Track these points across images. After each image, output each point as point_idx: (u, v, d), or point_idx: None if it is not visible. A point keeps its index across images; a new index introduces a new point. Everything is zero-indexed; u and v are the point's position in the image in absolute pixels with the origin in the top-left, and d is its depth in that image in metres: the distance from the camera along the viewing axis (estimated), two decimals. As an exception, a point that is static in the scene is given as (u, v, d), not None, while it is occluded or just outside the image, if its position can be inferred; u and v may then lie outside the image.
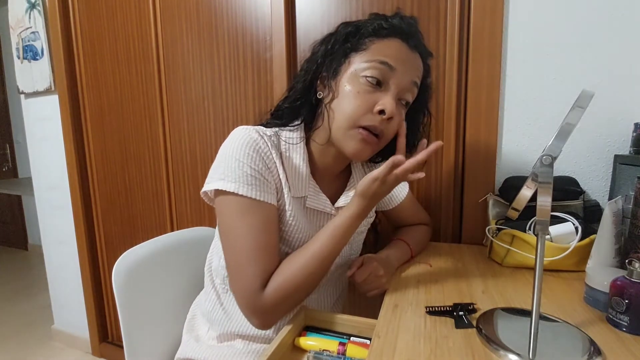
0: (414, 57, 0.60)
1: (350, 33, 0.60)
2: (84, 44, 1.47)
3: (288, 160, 0.62)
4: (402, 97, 0.60)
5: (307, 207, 0.65)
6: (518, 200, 0.48)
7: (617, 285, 0.52)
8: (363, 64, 0.58)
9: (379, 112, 0.58)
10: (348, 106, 0.58)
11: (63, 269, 1.70)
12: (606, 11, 0.79)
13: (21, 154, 3.21)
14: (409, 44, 0.60)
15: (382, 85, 0.58)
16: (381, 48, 0.58)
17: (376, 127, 0.58)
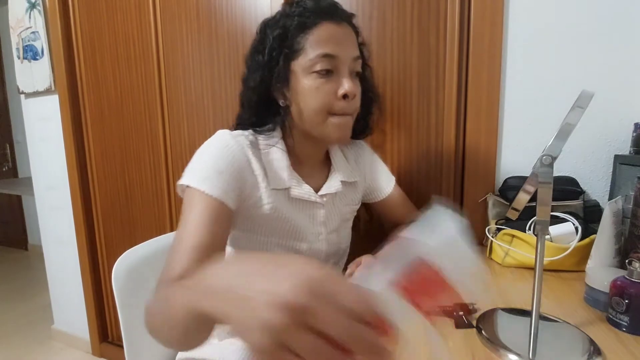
0: (344, 31, 0.61)
1: (279, 36, 0.61)
2: (84, 44, 1.46)
3: (268, 156, 0.64)
4: (353, 71, 0.62)
5: (292, 198, 0.65)
6: (518, 200, 0.48)
7: (617, 285, 0.52)
8: (308, 63, 0.59)
9: (343, 97, 0.60)
10: (313, 102, 0.60)
11: (63, 269, 1.70)
12: (606, 11, 0.79)
13: (21, 154, 3.21)
14: (334, 20, 0.60)
15: (332, 71, 0.60)
16: (315, 40, 0.59)
17: (347, 111, 0.61)
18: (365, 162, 0.79)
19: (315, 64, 0.59)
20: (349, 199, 0.73)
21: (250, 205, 0.62)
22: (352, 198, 0.74)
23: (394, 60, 0.99)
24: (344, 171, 0.72)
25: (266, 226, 0.64)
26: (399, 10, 0.96)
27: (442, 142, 0.97)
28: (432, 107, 0.97)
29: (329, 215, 0.69)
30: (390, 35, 0.98)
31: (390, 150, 1.03)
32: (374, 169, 0.81)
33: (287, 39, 0.60)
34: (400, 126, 1.01)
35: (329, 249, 0.70)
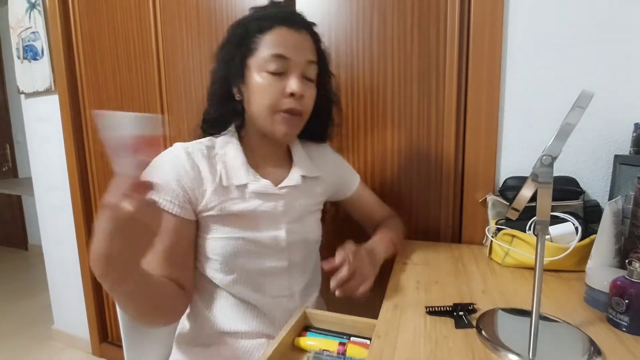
0: (301, 37, 0.66)
1: (240, 35, 0.67)
2: (84, 44, 1.47)
3: (224, 157, 0.69)
4: (305, 75, 0.67)
5: (251, 192, 0.68)
6: (518, 200, 0.48)
7: (617, 285, 0.52)
8: (260, 61, 0.64)
9: (290, 95, 0.65)
10: (263, 98, 0.65)
11: (63, 269, 1.70)
12: (606, 11, 0.79)
13: (21, 154, 3.21)
14: (291, 26, 0.65)
15: (284, 72, 0.65)
16: (270, 41, 0.64)
17: (293, 109, 0.65)
18: (328, 161, 0.83)
19: (268, 63, 0.64)
20: (311, 192, 0.77)
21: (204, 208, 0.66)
22: (313, 191, 0.77)
23: (394, 60, 0.99)
24: (304, 167, 0.76)
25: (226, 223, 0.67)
26: (399, 11, 0.97)
27: (442, 142, 0.97)
28: (432, 108, 0.97)
29: (289, 205, 0.72)
30: (390, 36, 0.98)
31: (391, 150, 1.03)
32: (337, 168, 0.85)
33: (246, 37, 0.66)
34: (400, 126, 1.01)
35: (291, 238, 0.71)
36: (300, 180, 0.74)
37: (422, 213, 1.03)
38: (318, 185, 0.79)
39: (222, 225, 0.67)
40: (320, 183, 0.79)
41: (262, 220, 0.69)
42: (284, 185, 0.72)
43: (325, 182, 0.80)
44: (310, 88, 0.68)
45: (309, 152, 0.81)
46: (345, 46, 1.03)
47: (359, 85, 1.03)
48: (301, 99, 0.66)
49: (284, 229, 0.71)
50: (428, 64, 0.96)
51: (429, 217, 1.02)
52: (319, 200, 0.79)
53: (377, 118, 1.03)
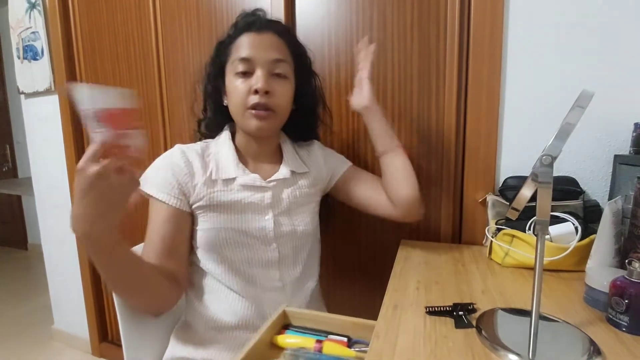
0: (264, 37, 0.72)
1: (219, 47, 0.77)
2: (84, 44, 1.47)
3: (217, 155, 0.75)
4: (274, 72, 0.71)
5: (240, 185, 0.73)
6: (518, 200, 0.48)
7: (617, 285, 0.52)
8: (231, 67, 0.72)
9: (255, 92, 0.69)
10: (234, 98, 0.72)
11: (63, 269, 1.70)
12: (606, 11, 0.79)
13: (21, 154, 3.21)
14: (255, 30, 0.72)
15: (250, 72, 0.71)
16: (236, 48, 0.72)
17: (259, 104, 0.70)
18: (317, 157, 0.86)
19: (236, 66, 0.71)
20: (299, 185, 0.80)
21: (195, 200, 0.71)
22: (302, 185, 0.80)
23: (394, 60, 0.99)
24: (293, 163, 0.80)
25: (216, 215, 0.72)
26: (399, 11, 0.97)
27: (442, 143, 0.97)
28: (432, 107, 0.97)
29: (276, 197, 0.76)
30: (390, 36, 0.98)
31: (390, 150, 1.03)
32: (326, 161, 0.87)
33: (222, 50, 0.75)
34: (400, 126, 1.01)
35: (278, 229, 0.74)
36: (289, 174, 0.78)
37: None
38: (307, 180, 0.81)
39: (210, 216, 0.71)
40: (309, 178, 0.82)
41: (249, 211, 0.73)
42: (273, 178, 0.76)
43: (314, 176, 0.83)
44: (280, 84, 0.72)
45: (299, 150, 0.85)
46: (345, 45, 1.03)
47: (359, 85, 1.03)
48: (268, 94, 0.70)
49: (271, 219, 0.74)
50: (428, 63, 0.96)
51: (429, 217, 1.02)
52: (308, 192, 0.81)
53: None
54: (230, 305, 0.73)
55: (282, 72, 0.72)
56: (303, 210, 0.80)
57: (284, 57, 0.73)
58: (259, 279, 0.74)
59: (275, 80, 0.71)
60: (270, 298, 0.74)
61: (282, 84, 0.72)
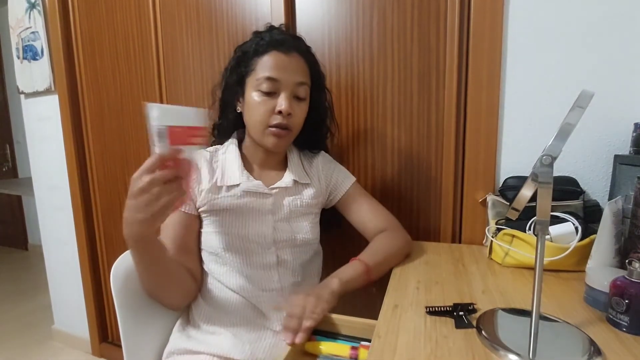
0: (292, 60, 0.74)
1: (240, 57, 0.77)
2: (83, 44, 1.47)
3: (224, 161, 0.79)
4: (296, 95, 0.75)
5: (244, 191, 0.76)
6: (518, 200, 0.48)
7: (617, 285, 0.52)
8: (255, 82, 0.73)
9: (279, 113, 0.73)
10: (256, 115, 0.74)
11: (63, 269, 1.70)
12: (606, 11, 0.79)
13: (21, 154, 3.21)
14: (283, 50, 0.74)
15: (275, 92, 0.73)
16: (264, 64, 0.73)
17: (281, 124, 0.74)
18: (320, 169, 0.87)
19: (261, 83, 0.73)
20: (301, 195, 0.82)
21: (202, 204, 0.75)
22: (304, 195, 0.82)
23: (394, 60, 0.99)
24: (297, 173, 0.82)
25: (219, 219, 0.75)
26: (399, 10, 0.97)
27: (442, 142, 0.97)
28: (432, 107, 0.97)
29: (277, 204, 0.78)
30: (390, 35, 0.98)
31: (391, 150, 1.03)
32: (328, 174, 0.88)
33: (246, 59, 0.76)
34: (400, 126, 1.01)
35: (276, 235, 0.77)
36: (291, 183, 0.80)
37: (422, 213, 1.03)
38: (309, 190, 0.83)
39: (213, 220, 0.75)
40: (311, 189, 0.83)
41: (250, 216, 0.76)
42: (275, 186, 0.79)
43: (316, 188, 0.84)
44: (299, 106, 0.76)
45: (303, 160, 0.88)
46: (345, 45, 1.03)
47: (359, 84, 1.03)
48: (289, 116, 0.74)
49: (270, 225, 0.76)
50: (428, 63, 0.96)
51: (429, 217, 1.02)
52: (309, 203, 0.82)
53: (377, 117, 1.03)
54: (230, 304, 0.75)
55: (302, 94, 0.76)
56: (303, 219, 0.81)
57: (306, 80, 0.77)
58: (258, 280, 0.76)
59: (296, 102, 0.76)
60: (269, 298, 0.76)
61: (300, 105, 0.77)
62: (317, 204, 0.85)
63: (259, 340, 0.74)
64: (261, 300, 0.75)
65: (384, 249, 0.78)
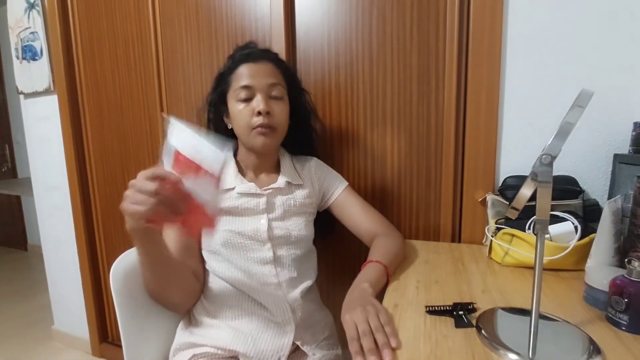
0: (261, 66, 0.81)
1: (218, 79, 0.86)
2: (83, 44, 1.46)
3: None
4: (272, 95, 0.81)
5: (238, 193, 0.81)
6: (517, 199, 0.48)
7: (617, 284, 0.52)
8: (233, 94, 0.81)
9: (258, 113, 0.78)
10: (240, 121, 0.80)
11: (63, 269, 1.70)
12: (606, 11, 0.79)
13: (20, 155, 3.21)
14: (252, 60, 0.81)
15: (251, 98, 0.80)
16: (237, 77, 0.81)
17: (263, 124, 0.79)
18: (311, 170, 0.92)
19: (238, 93, 0.80)
20: (294, 195, 0.86)
21: None
22: (296, 195, 0.86)
23: (394, 60, 0.99)
24: (289, 175, 0.87)
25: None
26: (398, 10, 0.97)
27: (442, 142, 0.97)
28: (431, 107, 0.97)
29: (270, 203, 0.83)
30: (390, 35, 0.98)
31: (391, 150, 1.03)
32: (320, 177, 0.92)
33: (223, 79, 0.85)
34: (399, 125, 1.01)
35: (271, 232, 0.80)
36: (284, 184, 0.85)
37: (421, 212, 1.03)
38: (302, 191, 0.87)
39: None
40: (303, 190, 0.88)
41: (245, 216, 0.80)
42: (268, 187, 0.83)
43: (308, 189, 0.88)
44: (277, 105, 0.81)
45: (296, 164, 0.92)
46: (344, 45, 1.03)
47: (358, 84, 1.03)
48: (269, 115, 0.79)
49: (265, 223, 0.80)
50: (427, 63, 0.96)
51: (428, 217, 1.02)
52: (303, 202, 0.86)
53: (376, 117, 1.03)
54: (231, 298, 0.79)
55: (277, 94, 0.81)
56: (297, 218, 0.85)
57: (278, 81, 0.82)
58: (256, 274, 0.78)
59: (273, 102, 0.81)
60: (268, 292, 0.78)
61: (279, 104, 0.82)
62: (311, 203, 0.89)
63: (260, 332, 0.76)
64: (261, 294, 0.78)
65: (390, 249, 0.78)
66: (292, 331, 0.77)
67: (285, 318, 0.77)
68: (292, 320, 0.77)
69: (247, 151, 0.86)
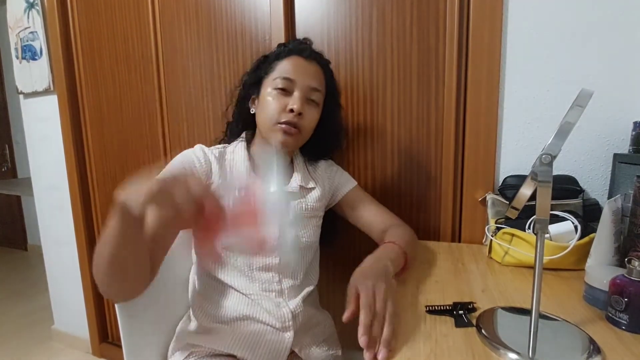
0: (310, 66, 0.78)
1: (261, 61, 0.83)
2: (82, 44, 1.46)
3: (232, 162, 0.80)
4: (309, 98, 0.78)
5: None
6: (517, 199, 0.48)
7: (617, 283, 0.52)
8: (273, 81, 0.77)
9: (290, 111, 0.74)
10: (268, 110, 0.76)
11: (63, 269, 1.70)
12: (606, 11, 0.79)
13: (20, 154, 3.20)
14: (304, 56, 0.78)
15: (289, 93, 0.76)
16: (283, 66, 0.77)
17: (291, 122, 0.75)
18: (324, 173, 0.90)
19: (277, 82, 0.76)
20: (307, 199, 0.84)
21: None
22: (308, 200, 0.84)
23: (394, 59, 0.99)
24: (303, 178, 0.84)
25: None
26: (398, 9, 0.96)
27: (442, 142, 0.97)
28: (431, 106, 0.97)
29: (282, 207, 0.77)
30: (389, 35, 0.98)
31: (391, 150, 1.03)
32: (332, 177, 0.90)
33: (266, 63, 0.81)
34: (399, 125, 1.01)
35: (281, 239, 0.77)
36: (297, 188, 0.82)
37: (422, 212, 1.03)
38: (314, 194, 0.85)
39: None
40: (315, 192, 0.85)
41: None
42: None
43: (320, 192, 0.86)
44: (311, 110, 0.78)
45: (308, 165, 0.89)
46: (344, 44, 1.03)
47: (358, 83, 1.03)
48: (300, 116, 0.75)
49: (275, 229, 0.74)
50: (427, 63, 0.96)
51: (428, 217, 1.02)
52: (314, 207, 0.84)
53: (376, 117, 1.03)
54: (231, 302, 0.76)
55: (315, 99, 0.79)
56: (308, 223, 0.83)
57: (320, 88, 0.79)
58: (258, 280, 0.77)
59: (308, 105, 0.78)
60: (269, 298, 0.77)
61: (312, 110, 0.79)
62: (321, 206, 0.87)
63: (259, 337, 0.75)
64: (262, 300, 0.76)
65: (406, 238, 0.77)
66: (291, 337, 0.76)
67: (285, 325, 0.75)
68: (292, 327, 0.76)
69: (262, 143, 0.81)
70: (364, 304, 0.51)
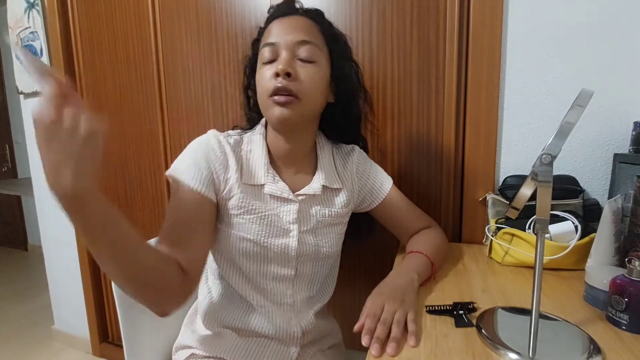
0: (291, 20, 0.66)
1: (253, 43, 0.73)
2: (82, 44, 1.46)
3: (249, 154, 0.69)
4: (297, 56, 0.64)
5: (266, 194, 0.67)
6: (518, 199, 0.48)
7: (617, 283, 0.52)
8: (260, 57, 0.66)
9: (276, 76, 0.62)
10: (259, 87, 0.66)
11: (63, 269, 1.70)
12: (606, 11, 0.79)
13: (21, 154, 3.20)
14: (282, 15, 0.67)
15: (275, 59, 0.64)
16: (265, 37, 0.66)
17: (280, 88, 0.61)
18: (353, 169, 0.77)
19: (263, 55, 0.65)
20: (330, 203, 0.72)
21: (224, 196, 0.65)
22: (333, 203, 0.73)
23: (394, 59, 0.99)
24: (327, 176, 0.72)
25: (239, 220, 0.66)
26: (398, 9, 0.96)
27: (442, 142, 0.97)
28: (431, 106, 0.97)
29: (303, 213, 0.69)
30: (390, 35, 0.98)
31: (391, 150, 1.03)
32: (365, 175, 0.78)
33: (255, 44, 0.71)
34: (400, 126, 1.01)
35: (301, 248, 0.69)
36: (320, 190, 0.70)
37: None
38: (339, 197, 0.74)
39: (235, 221, 0.66)
40: (342, 195, 0.74)
41: (273, 226, 0.67)
42: (302, 192, 0.69)
43: (347, 195, 0.74)
44: (306, 68, 0.63)
45: (337, 158, 0.77)
46: (344, 45, 1.03)
47: (359, 84, 1.03)
48: (290, 77, 0.61)
49: (295, 238, 0.68)
50: (427, 62, 0.96)
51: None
52: (339, 213, 0.73)
53: (376, 116, 1.03)
54: (238, 309, 0.71)
55: (308, 54, 0.63)
56: (330, 231, 0.73)
57: (312, 39, 0.64)
58: (271, 292, 0.70)
59: (301, 64, 0.63)
60: (280, 312, 0.71)
61: (307, 68, 0.63)
62: (347, 212, 0.76)
63: (264, 348, 0.71)
64: (271, 312, 0.71)
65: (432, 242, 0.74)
66: (297, 353, 0.72)
67: (293, 340, 0.71)
68: (299, 343, 0.72)
69: (273, 132, 0.70)
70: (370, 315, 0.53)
